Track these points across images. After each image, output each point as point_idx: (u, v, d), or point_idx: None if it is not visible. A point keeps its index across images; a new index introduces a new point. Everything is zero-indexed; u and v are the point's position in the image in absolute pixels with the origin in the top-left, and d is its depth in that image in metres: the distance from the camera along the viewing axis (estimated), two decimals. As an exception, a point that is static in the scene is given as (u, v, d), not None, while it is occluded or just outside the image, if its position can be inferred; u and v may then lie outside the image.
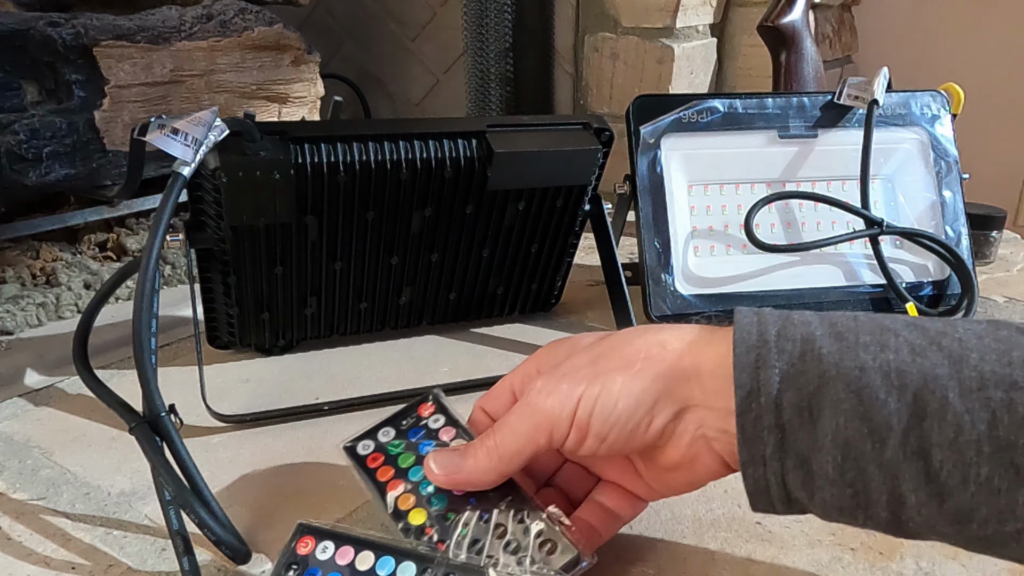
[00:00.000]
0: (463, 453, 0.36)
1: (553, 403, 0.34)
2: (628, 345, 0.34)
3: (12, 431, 0.51)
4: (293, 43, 0.86)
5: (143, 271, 0.42)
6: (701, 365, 0.32)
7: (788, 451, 0.30)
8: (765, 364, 0.30)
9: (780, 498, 0.31)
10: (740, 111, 0.67)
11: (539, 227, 0.62)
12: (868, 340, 0.30)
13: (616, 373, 0.33)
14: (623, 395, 0.32)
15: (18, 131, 0.65)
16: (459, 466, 0.36)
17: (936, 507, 0.28)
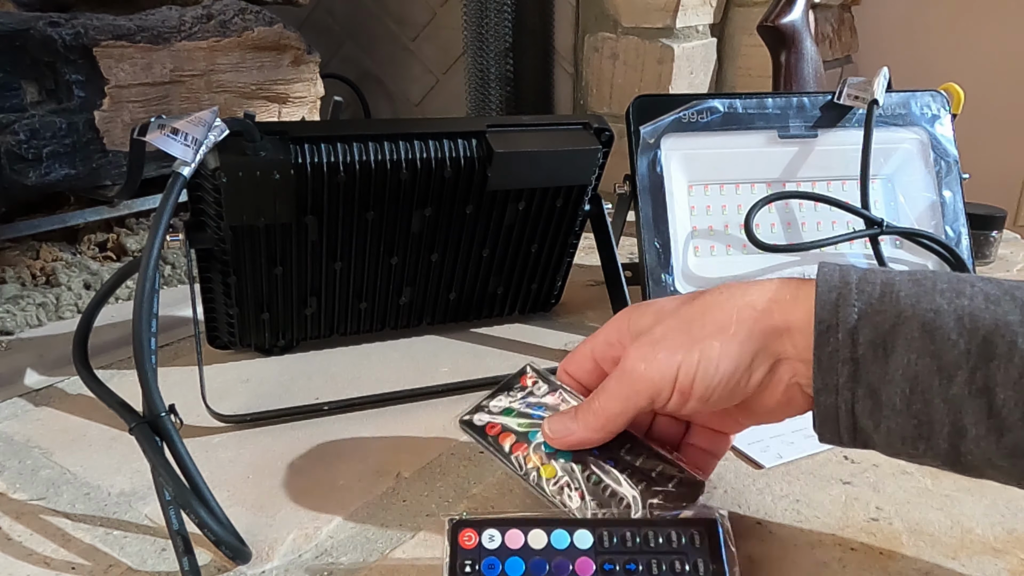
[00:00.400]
0: (573, 417, 0.39)
1: (653, 371, 0.36)
2: (718, 309, 0.36)
3: (12, 431, 0.51)
4: (293, 43, 0.86)
5: (143, 271, 0.42)
6: (791, 321, 0.34)
7: (860, 381, 0.32)
8: (845, 302, 0.33)
9: (847, 426, 0.33)
10: (740, 111, 0.67)
11: (539, 227, 0.62)
12: (945, 287, 0.32)
13: (712, 339, 0.35)
14: (723, 358, 0.34)
15: (18, 131, 0.65)
16: (571, 429, 0.38)
17: (994, 441, 0.30)
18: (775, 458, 0.47)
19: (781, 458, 0.46)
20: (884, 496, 0.43)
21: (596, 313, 0.69)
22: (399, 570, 0.38)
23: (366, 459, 0.47)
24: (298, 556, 0.39)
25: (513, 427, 0.41)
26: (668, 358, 0.35)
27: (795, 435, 0.48)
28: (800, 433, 0.49)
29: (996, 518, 0.41)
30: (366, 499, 0.43)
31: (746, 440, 0.48)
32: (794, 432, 0.49)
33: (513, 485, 0.44)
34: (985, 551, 0.39)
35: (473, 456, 0.47)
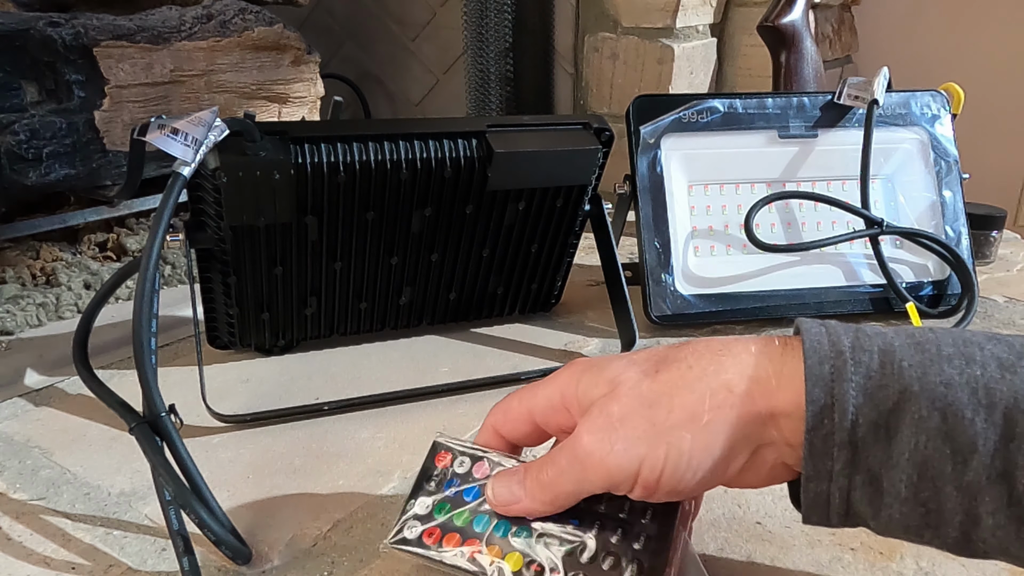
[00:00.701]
0: (520, 482, 0.34)
1: (610, 463, 0.31)
2: (688, 391, 0.31)
3: (12, 431, 0.51)
4: (293, 43, 0.86)
5: (143, 271, 0.42)
6: (777, 406, 0.30)
7: (859, 467, 0.28)
8: (841, 377, 0.29)
9: (839, 512, 0.30)
10: (740, 111, 0.67)
11: (539, 227, 0.62)
12: (951, 352, 0.28)
13: (682, 429, 0.30)
14: (695, 451, 0.30)
15: (18, 131, 0.65)
16: (517, 496, 0.34)
17: (1014, 530, 0.27)
18: None
19: None
20: (884, 496, 0.43)
21: (596, 313, 0.69)
22: (399, 570, 0.38)
23: (366, 459, 0.47)
24: (298, 556, 0.39)
25: (453, 523, 0.35)
26: (628, 450, 0.31)
27: None
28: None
29: (996, 518, 0.41)
30: (366, 499, 0.43)
31: None
32: None
33: (513, 485, 0.44)
34: (985, 551, 0.39)
35: (473, 456, 0.47)
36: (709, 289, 0.65)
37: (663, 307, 0.64)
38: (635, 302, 0.62)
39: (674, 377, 0.32)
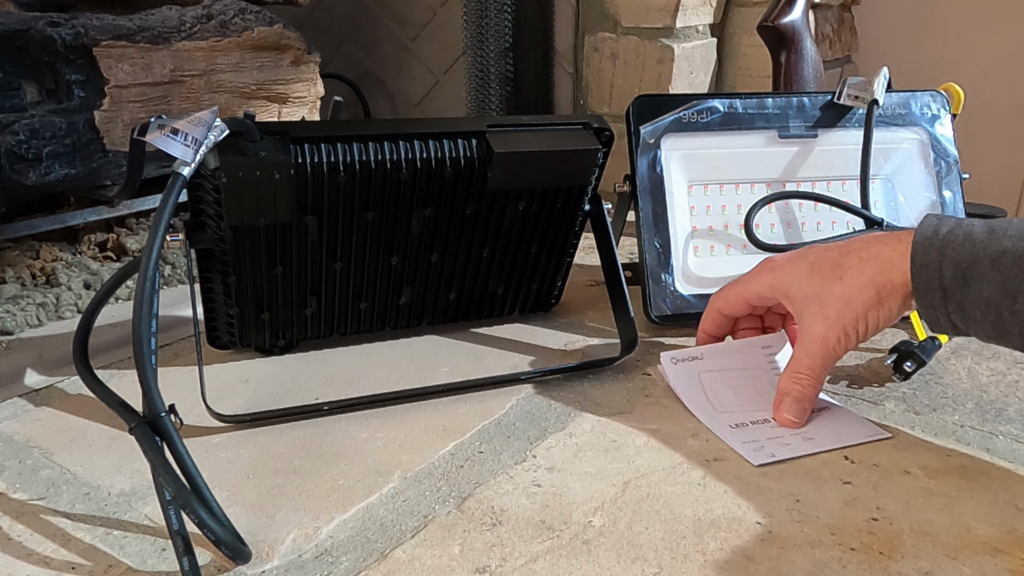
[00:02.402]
0: (799, 399, 0.50)
1: (842, 341, 0.49)
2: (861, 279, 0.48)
3: (12, 431, 0.51)
4: (293, 43, 0.86)
5: (143, 271, 0.42)
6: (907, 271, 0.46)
7: (950, 302, 0.45)
8: (934, 248, 0.45)
9: (948, 326, 0.46)
10: (740, 111, 0.67)
11: (539, 227, 0.62)
12: (1013, 233, 0.43)
13: (871, 309, 0.48)
14: (881, 320, 0.48)
15: (18, 131, 0.65)
16: (806, 410, 0.50)
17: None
18: (767, 457, 0.47)
19: (774, 457, 0.46)
20: (884, 496, 0.43)
21: (596, 313, 0.69)
22: (399, 570, 0.38)
23: (366, 459, 0.47)
24: (298, 556, 0.39)
25: None
26: (849, 329, 0.48)
27: (792, 437, 0.48)
28: (799, 436, 0.49)
29: (996, 518, 0.41)
30: (366, 499, 0.43)
31: (740, 439, 0.48)
32: (792, 435, 0.49)
33: (514, 485, 0.44)
34: (985, 551, 0.39)
35: (473, 456, 0.47)
36: (709, 289, 0.65)
37: (663, 307, 0.64)
38: (635, 302, 0.62)
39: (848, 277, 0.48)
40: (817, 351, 0.49)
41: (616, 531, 0.40)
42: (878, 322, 0.48)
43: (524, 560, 0.38)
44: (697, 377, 0.55)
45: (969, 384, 0.56)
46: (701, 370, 0.55)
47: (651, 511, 0.42)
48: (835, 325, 0.48)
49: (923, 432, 0.50)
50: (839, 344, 0.49)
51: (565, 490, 0.44)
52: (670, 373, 0.55)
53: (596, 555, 0.39)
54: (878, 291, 0.47)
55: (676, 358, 0.56)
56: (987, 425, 0.51)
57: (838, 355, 0.50)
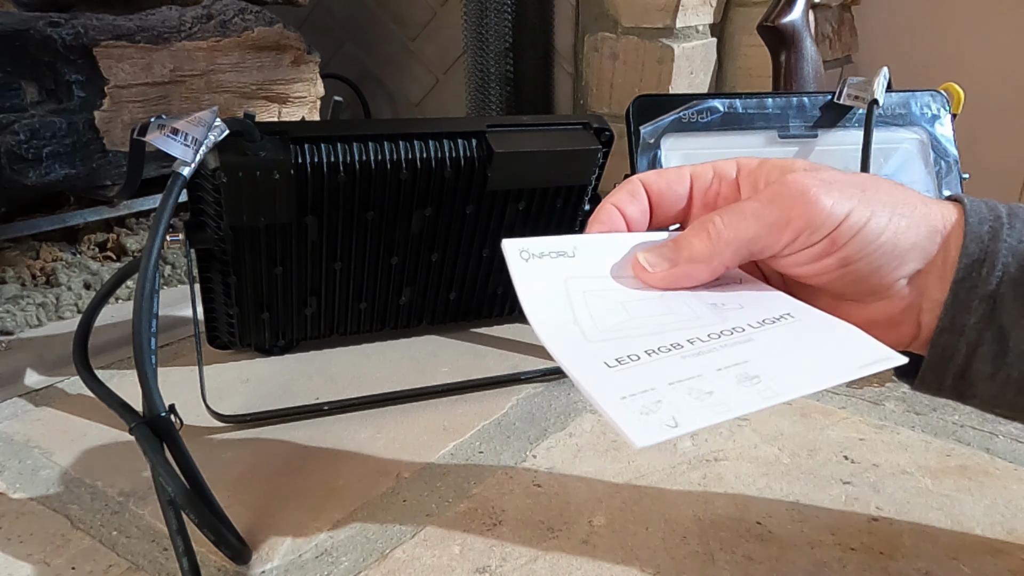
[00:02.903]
0: (676, 246, 0.32)
1: (823, 203, 0.30)
2: (891, 187, 0.32)
3: (12, 431, 0.51)
4: (293, 43, 0.86)
5: (143, 271, 0.42)
6: (950, 232, 0.31)
7: (992, 322, 0.30)
8: (996, 237, 0.30)
9: (956, 372, 0.31)
10: (740, 111, 0.67)
11: (539, 227, 0.62)
12: None
13: (885, 207, 0.30)
14: (888, 230, 0.30)
15: (18, 131, 0.65)
16: (673, 259, 0.32)
17: None
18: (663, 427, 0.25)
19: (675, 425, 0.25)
20: (884, 496, 0.43)
21: (596, 313, 0.69)
22: (399, 570, 0.38)
23: (366, 459, 0.47)
24: (298, 556, 0.39)
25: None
26: (839, 201, 0.30)
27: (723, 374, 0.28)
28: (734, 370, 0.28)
29: (996, 518, 0.41)
30: (366, 499, 0.43)
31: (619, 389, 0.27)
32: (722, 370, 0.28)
33: (513, 486, 0.44)
34: (985, 551, 0.39)
35: (473, 456, 0.47)
36: (709, 289, 0.65)
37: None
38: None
39: (875, 177, 0.32)
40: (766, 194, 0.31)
41: (616, 531, 0.40)
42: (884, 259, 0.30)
43: (524, 560, 0.38)
44: (563, 285, 0.32)
45: (969, 384, 0.56)
46: (570, 275, 0.33)
47: (651, 511, 0.42)
48: (831, 187, 0.30)
49: (923, 432, 0.50)
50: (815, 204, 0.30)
51: (565, 490, 0.44)
52: (516, 274, 0.32)
53: (596, 555, 0.39)
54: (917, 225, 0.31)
55: (528, 251, 0.33)
56: (987, 425, 0.51)
57: (794, 237, 0.30)
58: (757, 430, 0.50)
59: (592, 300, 0.32)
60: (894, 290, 0.31)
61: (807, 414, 0.52)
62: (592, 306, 0.32)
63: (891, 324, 0.32)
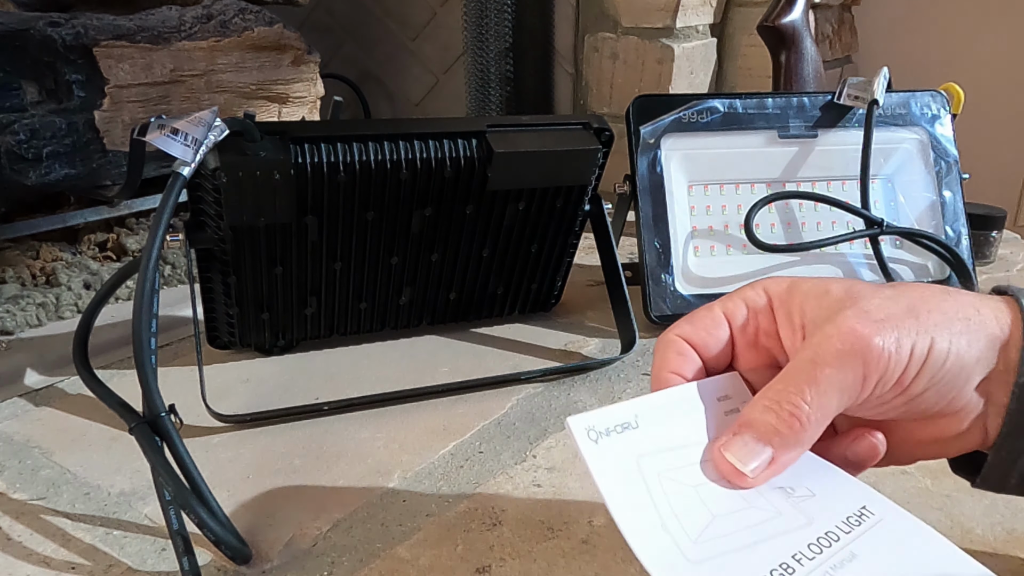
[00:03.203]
0: (767, 438, 0.29)
1: (889, 349, 0.28)
2: (940, 301, 0.30)
3: (12, 431, 0.51)
4: (293, 43, 0.86)
5: (143, 271, 0.42)
6: (1009, 336, 0.30)
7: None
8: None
9: (1020, 472, 0.30)
10: (740, 111, 0.67)
11: (539, 227, 0.62)
12: None
13: (942, 329, 0.29)
14: (952, 354, 0.29)
15: (18, 131, 0.65)
16: (761, 453, 0.29)
17: None
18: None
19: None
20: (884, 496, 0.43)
21: (596, 313, 0.69)
22: (399, 570, 0.38)
23: (366, 459, 0.47)
24: (298, 556, 0.39)
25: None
26: (900, 339, 0.28)
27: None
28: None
29: (996, 518, 0.41)
30: (366, 499, 0.43)
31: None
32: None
33: (514, 485, 0.44)
34: (985, 551, 0.39)
35: (473, 456, 0.47)
36: (709, 289, 0.65)
37: (663, 307, 0.64)
38: (635, 302, 0.62)
39: (923, 289, 0.31)
40: (833, 354, 0.28)
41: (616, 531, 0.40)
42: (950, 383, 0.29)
43: (524, 560, 0.38)
44: (636, 467, 0.30)
45: (969, 384, 0.56)
46: (640, 452, 0.30)
47: (651, 511, 0.42)
48: (886, 326, 0.28)
49: (923, 432, 0.50)
50: (882, 356, 0.28)
51: (565, 490, 0.44)
52: (591, 462, 0.29)
53: (596, 555, 0.39)
54: (976, 339, 0.29)
55: (595, 428, 0.30)
56: (987, 425, 0.51)
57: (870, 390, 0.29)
58: (757, 430, 0.50)
59: (669, 487, 0.29)
60: (964, 407, 0.30)
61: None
62: (671, 495, 0.29)
63: (959, 436, 0.31)
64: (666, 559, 0.27)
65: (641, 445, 0.30)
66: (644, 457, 0.30)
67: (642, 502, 0.28)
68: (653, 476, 0.29)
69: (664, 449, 0.30)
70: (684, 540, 0.27)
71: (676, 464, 0.30)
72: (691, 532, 0.28)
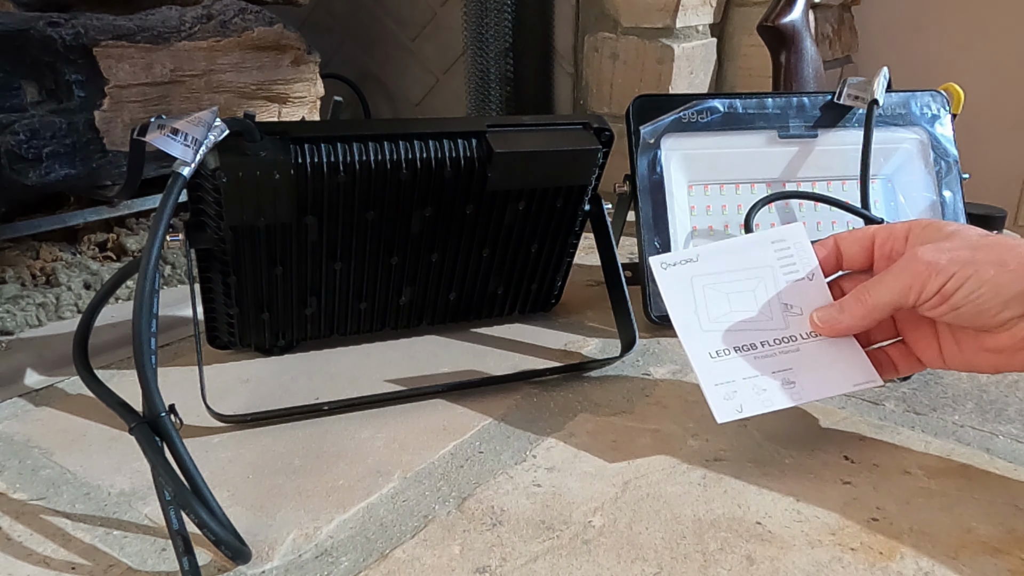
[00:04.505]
0: (840, 308, 0.45)
1: (933, 268, 0.41)
2: (1008, 248, 0.41)
3: (12, 431, 0.51)
4: (293, 43, 0.86)
5: (143, 271, 0.42)
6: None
7: None
8: None
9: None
10: (740, 111, 0.67)
11: (539, 227, 0.62)
12: None
13: (991, 266, 0.40)
14: (989, 284, 0.40)
15: (18, 131, 0.65)
16: (838, 319, 0.45)
17: None
18: (733, 411, 0.44)
19: (740, 412, 0.44)
20: (884, 496, 0.43)
21: (596, 313, 0.69)
22: (399, 570, 0.38)
23: (366, 459, 0.47)
24: (298, 556, 0.39)
25: None
26: (949, 264, 0.41)
27: (773, 379, 0.45)
28: (780, 377, 0.45)
29: (996, 518, 0.41)
30: (366, 499, 0.43)
31: (714, 377, 0.45)
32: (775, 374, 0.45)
33: (514, 485, 0.44)
34: (985, 551, 0.39)
35: (473, 456, 0.47)
36: (709, 289, 0.65)
37: (663, 307, 0.64)
38: (635, 302, 0.62)
39: (999, 239, 0.42)
40: (896, 269, 0.43)
41: (616, 531, 0.40)
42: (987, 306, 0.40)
43: (524, 560, 0.38)
44: (689, 282, 0.48)
45: (969, 384, 0.56)
46: (695, 274, 0.48)
47: (651, 511, 0.42)
48: (941, 256, 0.41)
49: (923, 432, 0.50)
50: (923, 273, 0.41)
51: (565, 490, 0.44)
52: (660, 280, 0.48)
53: (596, 555, 0.39)
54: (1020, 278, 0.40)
55: (667, 262, 0.48)
56: (987, 425, 0.51)
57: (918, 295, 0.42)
58: (758, 429, 0.50)
59: (708, 292, 0.47)
60: (1006, 327, 0.41)
61: (807, 414, 0.52)
62: (708, 297, 0.47)
63: (1016, 349, 0.41)
64: (687, 322, 0.46)
65: (696, 269, 0.48)
66: (697, 277, 0.48)
67: (686, 299, 0.47)
68: (699, 287, 0.47)
69: (714, 272, 0.48)
70: (704, 318, 0.47)
71: (719, 281, 0.48)
72: (712, 315, 0.47)
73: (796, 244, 0.48)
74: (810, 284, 0.47)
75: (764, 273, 0.48)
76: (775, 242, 0.48)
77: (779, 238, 0.48)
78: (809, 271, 0.47)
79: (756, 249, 0.48)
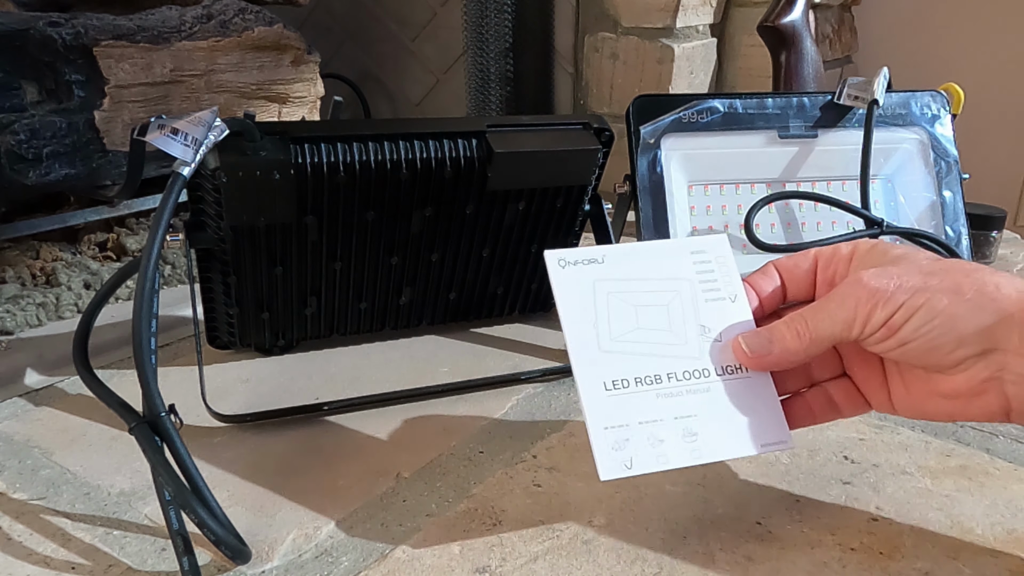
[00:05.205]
0: (770, 337, 0.38)
1: (880, 297, 0.35)
2: (964, 274, 0.35)
3: (12, 431, 0.51)
4: (293, 43, 0.86)
5: (143, 271, 0.42)
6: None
7: None
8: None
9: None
10: (740, 111, 0.67)
11: (539, 227, 0.62)
12: None
13: (944, 294, 0.35)
14: (942, 315, 0.34)
15: (18, 131, 0.65)
16: (768, 350, 0.38)
17: None
18: (620, 467, 0.36)
19: (628, 469, 0.36)
20: (884, 496, 0.43)
21: (596, 313, 0.69)
22: (399, 570, 0.38)
23: (366, 459, 0.47)
24: (298, 556, 0.39)
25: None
26: (896, 293, 0.35)
27: (671, 427, 0.37)
28: (680, 426, 0.37)
29: (996, 518, 0.41)
30: (366, 499, 0.43)
31: (605, 419, 0.36)
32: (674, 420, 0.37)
33: (514, 485, 0.44)
34: (985, 551, 0.39)
35: (473, 456, 0.47)
36: (709, 289, 0.65)
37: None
38: (635, 302, 0.62)
39: (958, 264, 0.37)
40: (839, 295, 0.36)
41: (616, 531, 0.40)
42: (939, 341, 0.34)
43: (524, 560, 0.38)
44: (592, 287, 0.39)
45: (969, 384, 0.56)
46: (599, 278, 0.39)
47: (651, 511, 0.42)
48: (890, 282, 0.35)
49: (923, 432, 0.50)
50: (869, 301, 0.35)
51: (565, 490, 0.44)
52: (555, 281, 0.39)
53: (596, 555, 0.39)
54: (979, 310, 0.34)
55: (566, 259, 0.39)
56: (987, 425, 0.51)
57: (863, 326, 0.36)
58: (757, 430, 0.50)
59: (613, 301, 0.39)
60: (961, 367, 0.35)
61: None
62: (612, 307, 0.38)
63: (973, 394, 0.36)
64: (583, 339, 0.37)
65: (600, 273, 0.39)
66: (600, 281, 0.39)
67: (584, 305, 0.38)
68: (602, 293, 0.39)
69: (621, 279, 0.39)
70: (605, 335, 0.38)
71: (628, 289, 0.39)
72: (615, 331, 0.38)
73: (718, 258, 0.41)
74: (732, 306, 0.40)
75: (681, 287, 0.40)
76: (694, 252, 0.41)
77: (699, 248, 0.41)
78: (732, 291, 0.40)
79: (672, 258, 0.40)
